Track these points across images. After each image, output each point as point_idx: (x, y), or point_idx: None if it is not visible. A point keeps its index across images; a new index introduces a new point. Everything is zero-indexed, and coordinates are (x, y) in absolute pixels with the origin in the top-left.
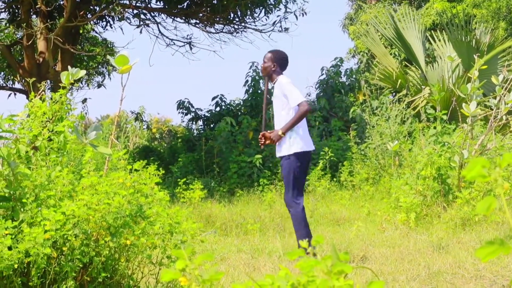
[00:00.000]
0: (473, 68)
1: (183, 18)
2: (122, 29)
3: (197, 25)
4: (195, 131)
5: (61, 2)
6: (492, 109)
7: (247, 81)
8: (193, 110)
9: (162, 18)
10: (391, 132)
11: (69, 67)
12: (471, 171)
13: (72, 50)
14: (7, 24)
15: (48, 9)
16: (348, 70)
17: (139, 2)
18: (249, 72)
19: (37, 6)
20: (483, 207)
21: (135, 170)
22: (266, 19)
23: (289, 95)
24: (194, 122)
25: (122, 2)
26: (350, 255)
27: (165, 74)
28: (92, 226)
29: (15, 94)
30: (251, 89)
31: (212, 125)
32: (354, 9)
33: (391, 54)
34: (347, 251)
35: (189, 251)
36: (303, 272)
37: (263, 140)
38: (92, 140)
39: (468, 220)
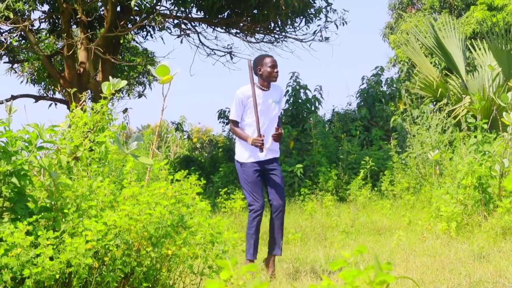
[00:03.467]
0: None
1: (224, 27)
2: (162, 39)
3: (237, 35)
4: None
5: (102, 12)
6: None
7: (287, 91)
8: None
9: (203, 27)
10: (432, 141)
11: (110, 77)
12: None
13: (112, 60)
14: (48, 34)
15: (89, 19)
16: (388, 79)
17: (180, 12)
18: (290, 82)
19: (77, 16)
20: None
21: (177, 180)
22: (307, 29)
23: (282, 99)
24: None
25: (162, 12)
26: (391, 264)
27: (205, 83)
28: (134, 236)
29: (56, 104)
30: (291, 98)
31: None
32: (394, 18)
33: (431, 63)
34: (389, 261)
35: (234, 262)
36: (346, 282)
37: (276, 137)
38: (134, 151)
39: (509, 229)
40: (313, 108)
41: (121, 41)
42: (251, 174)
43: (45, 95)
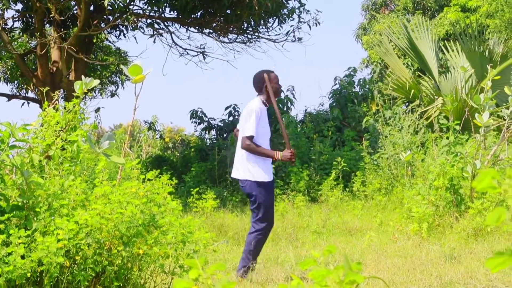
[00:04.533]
0: (486, 78)
1: (197, 27)
2: (135, 39)
3: (210, 35)
4: (208, 140)
5: (75, 12)
6: (504, 120)
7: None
8: (206, 119)
9: (176, 27)
10: (404, 142)
11: (82, 76)
12: (481, 182)
13: (85, 59)
14: (21, 33)
15: (62, 18)
16: (361, 80)
17: (153, 11)
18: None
19: (50, 16)
20: (493, 218)
21: (148, 179)
22: (280, 29)
23: None
24: (207, 132)
25: (135, 11)
26: (362, 265)
27: (178, 83)
28: (105, 235)
29: (28, 103)
30: None
31: (225, 135)
32: (368, 19)
33: (404, 64)
34: (359, 261)
35: (202, 261)
36: (316, 281)
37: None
38: (106, 150)
39: (481, 230)
40: (285, 109)
41: (94, 41)
42: (271, 193)
43: (17, 94)
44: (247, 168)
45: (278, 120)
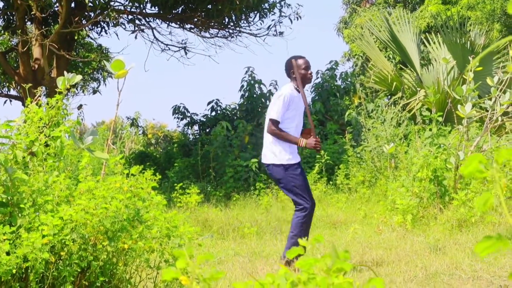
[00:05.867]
0: (467, 68)
1: (178, 23)
2: (117, 35)
3: (192, 30)
4: (190, 136)
5: (56, 9)
6: (487, 111)
7: (242, 85)
8: (189, 115)
9: (157, 23)
10: (387, 135)
11: (64, 73)
12: (468, 167)
13: (67, 56)
14: (2, 31)
15: (43, 15)
16: (343, 74)
17: (134, 7)
18: (245, 77)
19: (32, 13)
20: (480, 203)
21: (132, 175)
22: (261, 24)
23: None
24: (189, 127)
25: (116, 7)
26: (349, 253)
27: (160, 79)
28: (90, 231)
29: (10, 101)
30: (246, 93)
31: (207, 130)
32: (349, 12)
33: (386, 57)
34: (347, 250)
35: (190, 251)
36: (303, 270)
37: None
38: (89, 145)
39: (465, 221)
40: (268, 103)
41: (76, 37)
42: (299, 175)
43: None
44: (272, 152)
45: (305, 107)
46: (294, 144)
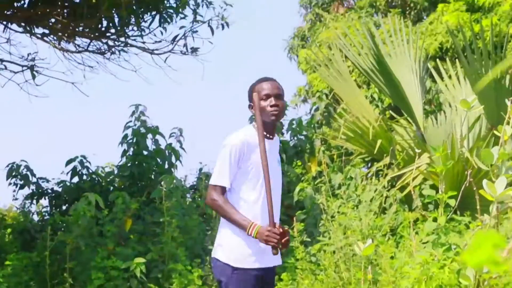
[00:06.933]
0: (504, 121)
1: (22, 25)
2: None
3: (45, 38)
4: (35, 215)
5: None
6: None
7: (125, 135)
8: (34, 180)
9: None
10: (363, 226)
11: None
12: (475, 254)
13: None
14: None
15: None
16: (294, 123)
17: None
18: (130, 121)
19: None
20: None
21: None
22: (162, 33)
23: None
24: (34, 201)
25: None
26: None
27: None
28: None
29: None
30: (131, 149)
31: (64, 207)
32: (309, 21)
33: (367, 97)
34: None
35: None
36: None
37: (284, 239)
38: None
39: None
40: (166, 166)
41: None
42: None
43: None
44: (218, 241)
45: (263, 168)
46: (241, 228)
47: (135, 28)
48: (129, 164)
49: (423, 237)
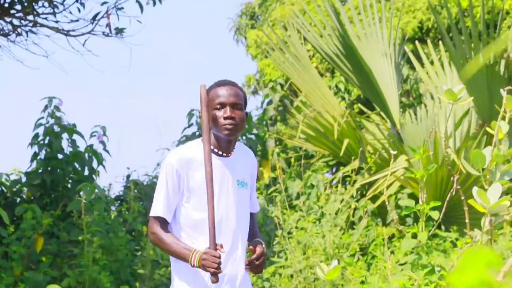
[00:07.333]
0: (499, 116)
1: None
2: None
3: None
4: None
5: None
6: None
7: (36, 135)
8: None
9: None
10: (326, 245)
11: None
12: (463, 276)
13: None
14: None
15: None
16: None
17: None
18: (42, 117)
19: None
20: None
21: None
22: (79, 10)
23: (254, 182)
24: None
25: None
26: None
27: None
28: None
29: None
30: (43, 151)
31: None
32: None
33: (331, 88)
34: None
35: None
36: None
37: (256, 262)
38: None
39: None
40: (86, 172)
41: None
42: None
43: None
44: (172, 275)
45: (207, 184)
46: (184, 260)
47: (46, 3)
48: (40, 170)
49: (400, 258)
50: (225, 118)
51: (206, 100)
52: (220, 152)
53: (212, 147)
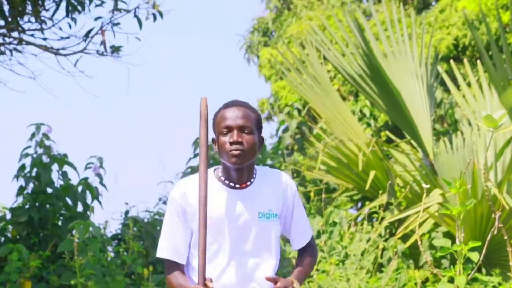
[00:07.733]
0: None
1: None
2: None
3: None
4: None
5: None
6: None
7: (22, 166)
8: None
9: None
10: None
11: None
12: None
13: None
14: None
15: None
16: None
17: None
18: (29, 146)
19: None
20: None
21: None
22: (71, 26)
23: (295, 209)
24: None
25: None
26: None
27: None
28: None
29: None
30: (30, 185)
31: None
32: (274, 10)
33: (355, 114)
34: None
35: None
36: None
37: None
38: None
39: None
40: (80, 208)
41: None
42: None
43: None
44: None
45: (200, 216)
46: None
47: (32, 19)
48: (27, 206)
49: None
50: (231, 144)
51: (206, 114)
52: (232, 184)
53: (222, 179)
